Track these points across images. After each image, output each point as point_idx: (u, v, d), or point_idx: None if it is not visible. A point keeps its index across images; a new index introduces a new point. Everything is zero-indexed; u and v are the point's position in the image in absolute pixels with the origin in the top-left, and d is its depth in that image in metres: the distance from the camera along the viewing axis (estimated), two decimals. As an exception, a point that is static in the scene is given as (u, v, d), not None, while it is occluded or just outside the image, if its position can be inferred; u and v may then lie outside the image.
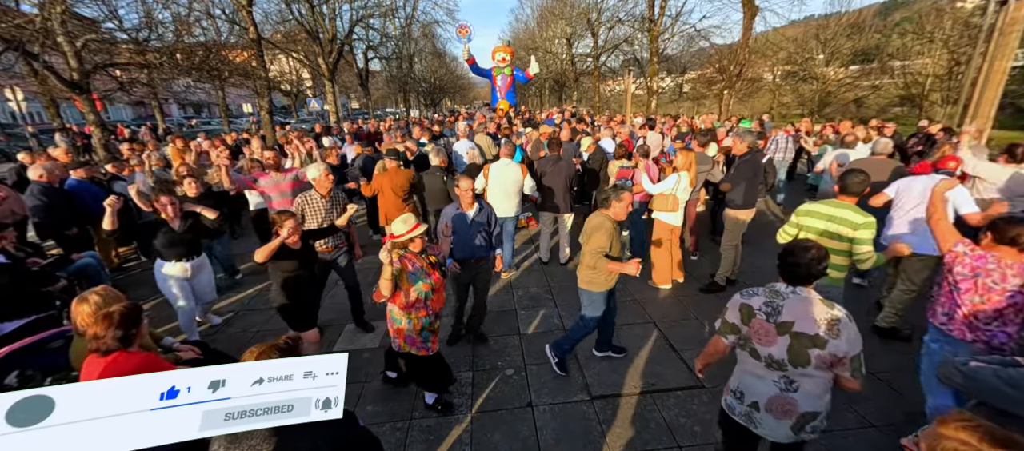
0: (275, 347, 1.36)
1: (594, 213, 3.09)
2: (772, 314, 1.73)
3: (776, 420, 1.75)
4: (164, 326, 4.17)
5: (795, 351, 1.66)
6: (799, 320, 1.67)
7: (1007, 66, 7.25)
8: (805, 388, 1.70)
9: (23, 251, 3.93)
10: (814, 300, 1.70)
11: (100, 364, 1.82)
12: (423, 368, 2.83)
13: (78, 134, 15.96)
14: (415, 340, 2.70)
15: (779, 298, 1.74)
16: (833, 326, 1.63)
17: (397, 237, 2.58)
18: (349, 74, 24.75)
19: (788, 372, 1.70)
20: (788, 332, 1.68)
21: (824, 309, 1.67)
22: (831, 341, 1.61)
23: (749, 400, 1.83)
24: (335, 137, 10.17)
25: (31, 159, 5.83)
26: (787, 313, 1.69)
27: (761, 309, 1.76)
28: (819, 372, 1.66)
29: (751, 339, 1.77)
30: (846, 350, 1.61)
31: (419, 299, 2.60)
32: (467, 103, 49.95)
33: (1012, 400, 1.51)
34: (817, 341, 1.63)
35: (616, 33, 23.07)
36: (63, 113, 14.43)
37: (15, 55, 8.39)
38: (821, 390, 1.71)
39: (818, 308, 1.67)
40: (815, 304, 1.69)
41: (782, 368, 1.70)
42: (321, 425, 1.33)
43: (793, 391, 1.71)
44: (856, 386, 1.66)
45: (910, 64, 19.35)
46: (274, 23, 17.84)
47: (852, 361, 1.63)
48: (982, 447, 1.00)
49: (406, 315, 2.65)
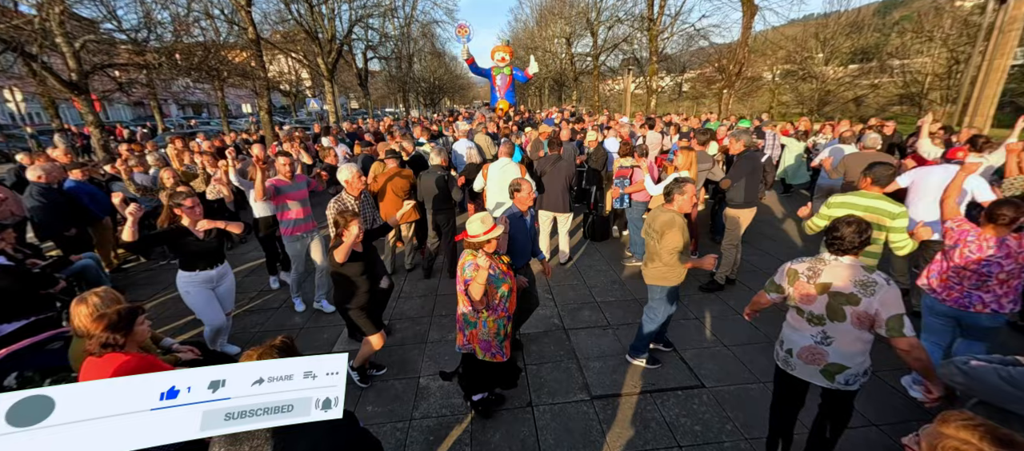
0: (273, 347, 1.36)
1: (658, 209, 3.07)
2: (813, 277, 2.03)
3: (805, 364, 2.10)
4: (165, 326, 4.17)
5: (832, 308, 1.95)
6: (836, 282, 1.95)
7: (1006, 64, 7.27)
8: (838, 344, 1.99)
9: (22, 252, 3.93)
10: (854, 267, 1.95)
11: (98, 365, 1.82)
12: (498, 374, 2.75)
13: (77, 135, 15.97)
14: (491, 345, 2.60)
15: (822, 264, 2.04)
16: (868, 287, 1.88)
17: (472, 237, 2.44)
18: (348, 74, 24.73)
19: (826, 327, 2.00)
20: (826, 292, 1.97)
21: (863, 274, 1.92)
22: (864, 299, 1.87)
23: (786, 347, 2.19)
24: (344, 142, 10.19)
25: (30, 160, 5.82)
26: (826, 276, 1.99)
27: (804, 273, 2.07)
28: (855, 329, 1.92)
29: (795, 298, 2.10)
30: (878, 308, 1.84)
31: (501, 301, 2.52)
32: (467, 103, 49.94)
33: (1012, 398, 1.52)
34: (851, 299, 1.90)
35: (615, 32, 23.10)
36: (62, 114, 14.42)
37: (14, 56, 8.39)
38: (854, 349, 1.97)
39: (856, 273, 1.93)
40: (854, 270, 1.94)
41: (821, 323, 2.01)
42: (321, 425, 1.34)
43: (827, 345, 2.02)
44: (902, 345, 1.83)
45: (909, 63, 19.36)
46: (273, 23, 17.83)
47: (888, 320, 1.83)
48: (983, 446, 1.00)
49: (486, 319, 2.54)
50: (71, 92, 7.99)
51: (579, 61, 26.94)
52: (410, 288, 4.98)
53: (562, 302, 4.51)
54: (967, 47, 14.29)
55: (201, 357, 2.64)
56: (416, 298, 4.72)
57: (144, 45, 9.68)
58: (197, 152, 5.95)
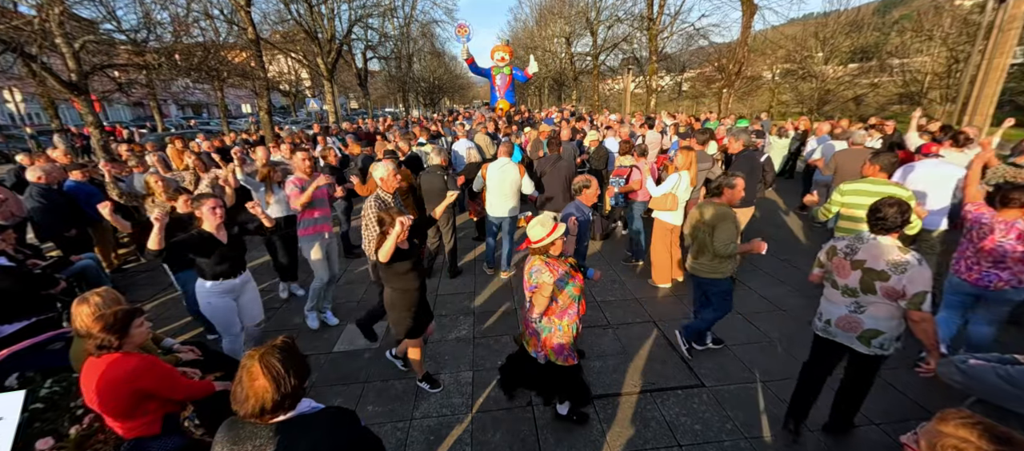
0: (275, 347, 1.34)
1: (706, 204, 3.14)
2: (850, 254, 2.23)
3: (844, 332, 2.30)
4: (165, 327, 4.18)
5: (865, 282, 2.16)
6: (870, 259, 2.14)
7: (1006, 63, 7.26)
8: (871, 312, 2.19)
9: (23, 253, 3.93)
10: (889, 246, 2.13)
11: (99, 365, 1.83)
12: (568, 379, 2.66)
13: (77, 135, 15.98)
14: (565, 348, 2.52)
15: (860, 242, 2.23)
16: (899, 266, 2.06)
17: (536, 242, 2.38)
18: (348, 74, 24.73)
19: (858, 299, 2.21)
20: (860, 268, 2.17)
21: (897, 253, 2.09)
22: (894, 276, 2.06)
23: (825, 318, 2.39)
24: (334, 137, 10.18)
25: (30, 161, 5.83)
26: (862, 254, 2.19)
27: (842, 250, 2.28)
28: (885, 301, 2.12)
29: (833, 272, 2.32)
30: (906, 284, 2.02)
31: (572, 304, 2.45)
32: (466, 103, 49.91)
33: (1010, 397, 1.52)
34: (882, 276, 2.10)
35: (615, 32, 23.08)
36: (61, 114, 14.43)
37: (13, 56, 8.38)
38: (887, 315, 2.15)
39: (890, 252, 2.11)
40: (888, 249, 2.12)
41: (854, 295, 2.22)
42: (323, 424, 1.34)
43: (860, 313, 2.22)
44: (915, 316, 2.04)
45: (909, 62, 19.36)
46: (272, 23, 17.82)
47: (913, 295, 2.02)
48: (981, 444, 1.00)
49: (558, 323, 2.46)
50: (71, 92, 7.99)
51: (579, 61, 26.93)
52: (410, 288, 4.98)
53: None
54: (966, 46, 14.29)
55: (201, 357, 2.64)
56: (416, 298, 4.72)
57: (144, 45, 9.68)
58: (192, 156, 5.55)
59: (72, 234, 4.94)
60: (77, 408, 2.12)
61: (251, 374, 1.24)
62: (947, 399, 1.81)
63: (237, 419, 1.31)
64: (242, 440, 1.28)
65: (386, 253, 2.56)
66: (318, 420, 1.35)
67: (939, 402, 1.28)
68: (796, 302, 4.22)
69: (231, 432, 1.31)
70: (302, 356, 1.36)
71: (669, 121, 10.69)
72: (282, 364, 1.27)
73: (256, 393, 1.23)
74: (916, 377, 3.00)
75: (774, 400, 2.98)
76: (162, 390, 1.97)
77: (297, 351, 1.36)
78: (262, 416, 1.26)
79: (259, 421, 1.28)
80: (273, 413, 1.27)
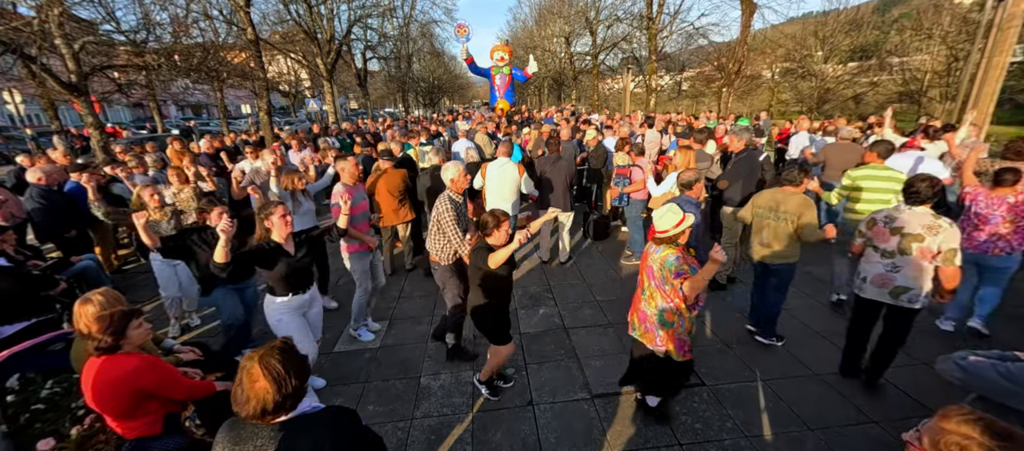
0: (274, 348, 1.33)
1: (784, 194, 3.25)
2: (889, 222, 2.70)
3: (876, 288, 2.77)
4: (165, 328, 4.17)
5: (903, 245, 2.62)
6: (907, 225, 2.61)
7: (1005, 62, 7.26)
8: (904, 271, 2.64)
9: (23, 254, 3.93)
10: (923, 213, 2.59)
11: (99, 366, 1.83)
12: (681, 374, 2.68)
13: (77, 136, 15.97)
14: (685, 343, 2.51)
15: (898, 212, 2.69)
16: (933, 229, 2.52)
17: (663, 233, 2.36)
18: (347, 74, 24.71)
19: (895, 259, 2.66)
20: (899, 233, 2.64)
21: (930, 219, 2.56)
22: (929, 237, 2.52)
23: (862, 277, 2.86)
24: (333, 138, 10.17)
25: (30, 162, 5.83)
26: (900, 222, 2.65)
27: (882, 220, 2.75)
28: (919, 260, 2.56)
29: (873, 239, 2.79)
30: (941, 243, 2.49)
31: (698, 297, 2.44)
32: (466, 102, 49.90)
33: (1010, 394, 1.52)
34: (918, 238, 2.56)
35: (614, 31, 23.04)
36: (61, 116, 14.41)
37: (13, 57, 8.38)
38: (918, 274, 2.59)
39: (924, 218, 2.57)
40: (923, 216, 2.58)
41: (891, 257, 2.68)
42: (324, 423, 1.34)
43: (895, 272, 2.68)
44: (949, 271, 2.49)
45: (909, 60, 19.32)
46: (272, 24, 17.79)
47: (946, 251, 2.47)
48: (983, 440, 1.00)
49: (690, 316, 2.46)
50: (70, 94, 7.98)
51: (578, 60, 26.89)
52: (410, 288, 4.99)
53: (562, 301, 4.51)
54: (966, 44, 14.27)
55: (202, 358, 2.64)
56: (416, 298, 4.73)
57: (143, 46, 9.68)
58: (189, 165, 4.83)
59: (72, 235, 4.94)
60: (78, 409, 2.12)
61: (251, 376, 1.24)
62: (948, 398, 1.80)
63: (238, 419, 1.30)
64: (243, 440, 1.28)
65: (500, 258, 2.51)
66: (319, 420, 1.35)
67: (940, 400, 1.28)
68: (796, 301, 4.22)
69: (232, 432, 1.31)
70: (302, 357, 1.36)
71: (677, 117, 10.74)
72: (282, 365, 1.27)
73: (257, 395, 1.23)
74: (917, 377, 3.03)
75: (774, 398, 2.98)
76: (163, 390, 1.97)
77: (297, 352, 1.36)
78: (263, 417, 1.26)
79: (260, 422, 1.27)
80: (274, 414, 1.27)
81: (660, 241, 2.44)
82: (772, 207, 3.30)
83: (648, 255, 2.53)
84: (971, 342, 3.47)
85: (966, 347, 2.23)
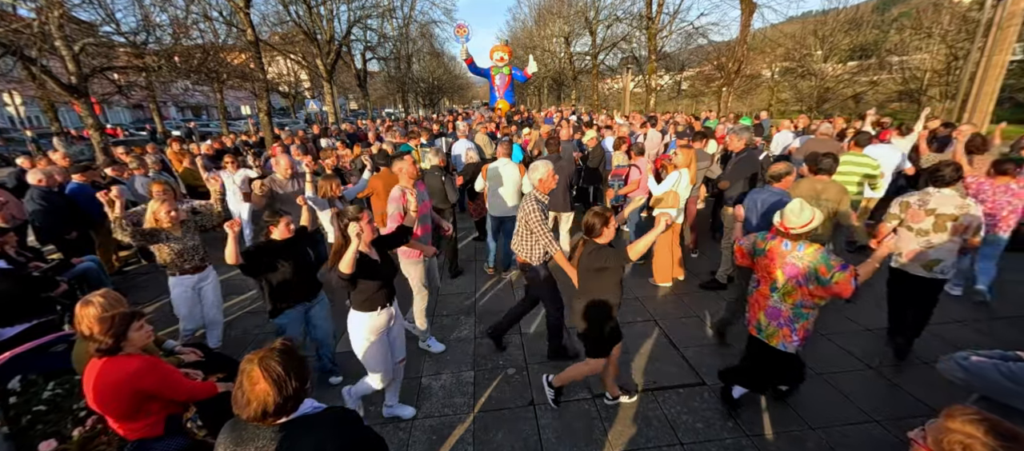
0: (274, 350, 1.31)
1: (817, 182, 3.49)
2: (922, 204, 3.00)
3: (910, 261, 3.07)
4: (167, 328, 4.16)
5: (937, 224, 2.93)
6: (939, 207, 2.93)
7: (1005, 60, 7.26)
8: (936, 245, 2.94)
9: (23, 256, 3.93)
10: (952, 195, 2.93)
11: (100, 367, 1.83)
12: (797, 366, 2.70)
13: (77, 138, 15.99)
14: (810, 333, 2.54)
15: (928, 195, 3.00)
16: (962, 208, 2.87)
17: (798, 228, 2.35)
18: (347, 75, 24.72)
19: (929, 237, 2.97)
20: (933, 214, 2.95)
21: (959, 201, 2.91)
22: (962, 216, 2.85)
23: (898, 251, 3.12)
24: (333, 138, 10.17)
25: (30, 163, 5.83)
26: (932, 204, 2.96)
27: (915, 203, 3.03)
28: (950, 236, 2.89)
29: (908, 220, 3.07)
30: (969, 221, 2.85)
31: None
32: (466, 103, 49.88)
33: (1013, 394, 1.52)
34: (952, 217, 2.88)
35: (614, 31, 23.07)
36: (62, 117, 14.43)
37: (13, 59, 8.38)
38: (949, 248, 2.92)
39: (953, 200, 2.91)
40: (952, 198, 2.92)
41: (925, 234, 2.98)
42: (326, 423, 1.34)
43: (928, 248, 2.97)
44: (976, 242, 2.93)
45: (908, 59, 19.34)
46: (272, 25, 17.81)
47: (974, 226, 2.85)
48: (987, 440, 1.00)
49: (819, 307, 2.46)
50: (71, 95, 7.99)
51: (578, 60, 26.91)
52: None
53: (563, 301, 4.50)
54: (966, 43, 14.27)
55: (203, 359, 2.64)
56: (417, 298, 4.72)
57: (143, 48, 9.70)
58: (194, 165, 4.72)
59: (73, 237, 4.94)
60: (80, 410, 2.12)
61: (251, 378, 1.23)
62: (951, 398, 1.80)
63: (240, 420, 1.30)
64: (245, 441, 1.27)
65: (638, 252, 2.56)
66: (321, 420, 1.34)
67: (943, 400, 1.28)
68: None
69: (234, 433, 1.31)
70: (302, 358, 1.35)
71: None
72: (282, 367, 1.25)
73: (258, 397, 1.22)
74: (921, 376, 3.02)
75: (775, 397, 2.97)
76: (164, 391, 1.97)
77: (297, 353, 1.35)
78: (264, 419, 1.25)
79: (262, 424, 1.27)
80: (276, 416, 1.26)
81: (797, 237, 2.40)
82: (814, 196, 3.44)
83: (779, 253, 2.45)
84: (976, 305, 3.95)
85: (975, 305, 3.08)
